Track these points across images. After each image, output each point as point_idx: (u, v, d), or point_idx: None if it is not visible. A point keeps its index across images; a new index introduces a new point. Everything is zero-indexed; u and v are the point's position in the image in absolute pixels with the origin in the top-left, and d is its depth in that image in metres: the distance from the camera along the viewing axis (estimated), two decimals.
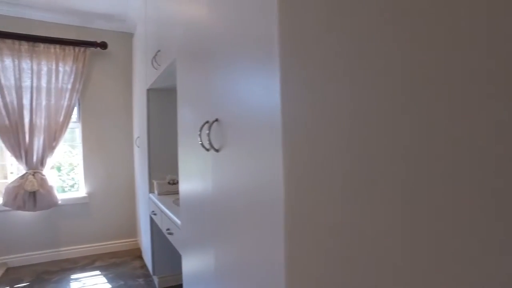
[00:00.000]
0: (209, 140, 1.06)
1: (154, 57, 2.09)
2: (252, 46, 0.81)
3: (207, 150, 1.15)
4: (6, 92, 3.04)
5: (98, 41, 3.35)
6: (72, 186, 4.38)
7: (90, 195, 3.48)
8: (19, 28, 3.12)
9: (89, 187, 3.48)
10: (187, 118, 1.45)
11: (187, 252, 1.52)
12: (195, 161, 1.33)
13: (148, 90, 2.54)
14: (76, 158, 4.35)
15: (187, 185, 1.48)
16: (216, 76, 1.06)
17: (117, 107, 3.57)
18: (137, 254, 3.44)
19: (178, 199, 2.20)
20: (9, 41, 3.06)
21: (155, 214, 2.32)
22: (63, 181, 4.20)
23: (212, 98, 1.11)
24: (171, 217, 1.81)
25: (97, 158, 3.50)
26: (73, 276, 2.96)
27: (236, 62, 0.90)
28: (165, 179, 2.45)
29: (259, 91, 0.78)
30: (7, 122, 3.05)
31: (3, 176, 3.48)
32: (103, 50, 3.43)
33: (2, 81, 3.04)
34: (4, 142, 3.06)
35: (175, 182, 2.41)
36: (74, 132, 3.57)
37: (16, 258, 3.21)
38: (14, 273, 3.06)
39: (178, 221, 1.67)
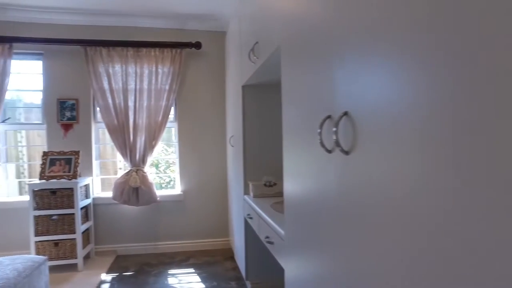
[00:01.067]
0: (337, 139, 0.84)
1: (251, 50, 1.95)
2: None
3: (329, 151, 0.93)
4: (115, 95, 3.28)
5: (193, 41, 3.41)
6: (168, 183, 4.63)
7: (185, 193, 3.57)
8: (126, 36, 3.34)
9: (184, 185, 3.58)
10: (295, 113, 1.25)
11: (293, 266, 1.33)
12: (307, 163, 1.12)
13: (244, 87, 2.44)
14: (171, 156, 4.59)
15: (294, 190, 1.29)
16: (343, 63, 0.83)
17: (211, 105, 3.60)
18: (229, 254, 3.41)
19: (276, 203, 2.03)
20: (118, 49, 3.30)
21: (250, 218, 2.19)
22: (160, 177, 4.45)
23: (335, 89, 0.88)
24: (272, 225, 1.64)
25: (192, 157, 3.58)
26: (170, 271, 3.04)
27: (376, 47, 0.67)
28: (261, 180, 2.31)
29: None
30: (116, 122, 3.29)
31: (113, 172, 3.80)
32: (197, 50, 3.48)
33: (113, 85, 3.28)
34: (113, 141, 3.31)
35: (271, 184, 2.25)
36: (169, 131, 3.71)
37: (123, 248, 3.46)
38: (122, 260, 3.29)
39: (281, 231, 1.49)
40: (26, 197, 3.08)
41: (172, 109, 3.52)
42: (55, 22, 3.30)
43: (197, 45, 3.42)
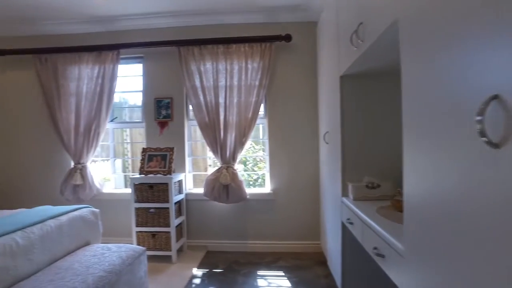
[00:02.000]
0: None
1: (354, 32, 1.70)
2: None
3: (495, 146, 0.65)
4: (206, 92, 3.33)
5: (283, 34, 3.26)
6: (256, 180, 4.59)
7: (274, 191, 3.46)
8: (216, 33, 3.36)
9: (274, 183, 3.46)
10: (425, 101, 0.98)
11: (413, 285, 1.06)
12: (449, 160, 0.85)
13: (342, 77, 2.18)
14: (259, 154, 4.53)
15: (422, 194, 1.02)
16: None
17: (302, 100, 3.41)
18: (320, 259, 3.18)
19: (382, 208, 1.75)
20: (209, 47, 3.34)
21: (351, 223, 1.94)
22: (248, 175, 4.42)
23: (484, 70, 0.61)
24: (383, 236, 1.37)
25: (282, 154, 3.45)
26: (259, 272, 2.94)
27: None
28: (362, 181, 2.03)
29: None
30: (207, 119, 3.33)
31: (204, 168, 3.89)
32: (287, 43, 3.33)
33: (204, 83, 3.34)
34: (204, 138, 3.36)
35: (374, 186, 1.96)
36: (256, 128, 3.64)
37: (213, 244, 3.51)
38: (212, 256, 3.33)
39: (397, 244, 1.22)
40: (129, 190, 3.32)
41: (262, 105, 3.43)
42: (153, 27, 3.50)
43: (287, 38, 3.27)
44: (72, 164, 3.56)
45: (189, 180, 3.64)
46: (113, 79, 3.47)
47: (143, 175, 3.21)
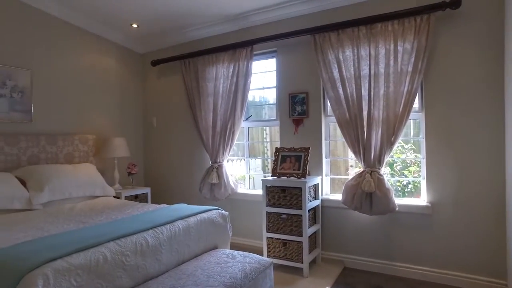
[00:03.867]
0: None
1: None
2: None
3: None
4: (346, 84, 2.86)
5: (447, 0, 2.49)
6: (405, 186, 3.80)
7: (433, 204, 2.70)
8: (357, 13, 2.85)
9: (433, 193, 2.71)
10: None
11: None
12: None
13: None
14: (408, 155, 3.74)
15: None
16: None
17: (475, 86, 2.54)
18: None
19: None
20: (348, 30, 2.86)
21: None
22: (397, 180, 3.69)
23: None
24: None
25: (446, 156, 2.65)
26: None
27: None
28: None
29: None
30: (347, 115, 2.86)
31: (344, 171, 3.42)
32: (453, 11, 2.53)
33: (343, 73, 2.88)
34: (344, 136, 2.90)
35: None
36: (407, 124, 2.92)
37: (351, 260, 3.01)
38: (349, 275, 2.85)
39: None
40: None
41: (417, 95, 2.72)
42: (285, 17, 3.26)
43: (454, 4, 2.47)
44: (210, 163, 3.66)
45: (326, 185, 3.23)
46: (247, 76, 3.39)
47: (275, 177, 2.99)
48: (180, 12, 3.36)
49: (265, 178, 3.02)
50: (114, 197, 3.38)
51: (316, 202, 3.02)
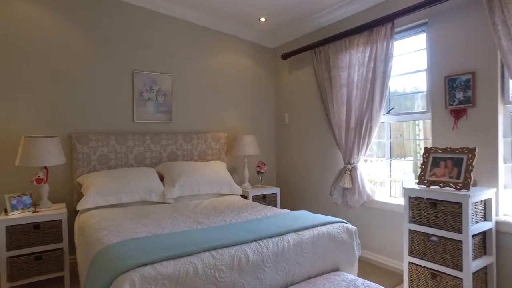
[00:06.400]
0: None
1: None
2: None
3: None
4: None
5: None
6: None
7: None
8: None
9: None
10: None
11: None
12: None
13: None
14: None
15: None
16: None
17: None
18: None
19: None
20: None
21: None
22: None
23: None
24: None
25: None
26: None
27: None
28: None
29: None
30: None
31: None
32: None
33: None
34: None
35: None
36: None
37: None
38: None
39: None
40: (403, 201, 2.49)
41: None
42: None
43: None
44: (343, 164, 3.18)
45: (505, 201, 2.29)
46: (388, 60, 2.75)
47: (423, 186, 2.29)
48: None
49: (408, 187, 2.35)
50: (242, 196, 3.34)
51: (487, 225, 2.15)
